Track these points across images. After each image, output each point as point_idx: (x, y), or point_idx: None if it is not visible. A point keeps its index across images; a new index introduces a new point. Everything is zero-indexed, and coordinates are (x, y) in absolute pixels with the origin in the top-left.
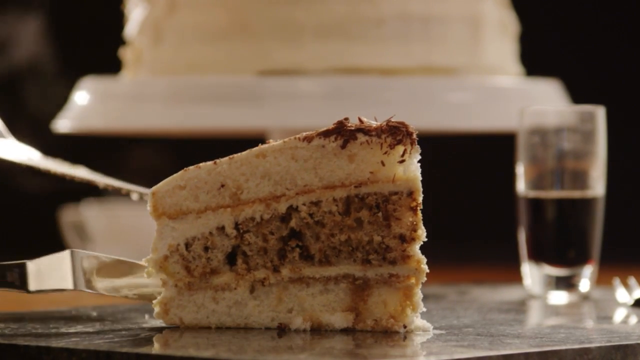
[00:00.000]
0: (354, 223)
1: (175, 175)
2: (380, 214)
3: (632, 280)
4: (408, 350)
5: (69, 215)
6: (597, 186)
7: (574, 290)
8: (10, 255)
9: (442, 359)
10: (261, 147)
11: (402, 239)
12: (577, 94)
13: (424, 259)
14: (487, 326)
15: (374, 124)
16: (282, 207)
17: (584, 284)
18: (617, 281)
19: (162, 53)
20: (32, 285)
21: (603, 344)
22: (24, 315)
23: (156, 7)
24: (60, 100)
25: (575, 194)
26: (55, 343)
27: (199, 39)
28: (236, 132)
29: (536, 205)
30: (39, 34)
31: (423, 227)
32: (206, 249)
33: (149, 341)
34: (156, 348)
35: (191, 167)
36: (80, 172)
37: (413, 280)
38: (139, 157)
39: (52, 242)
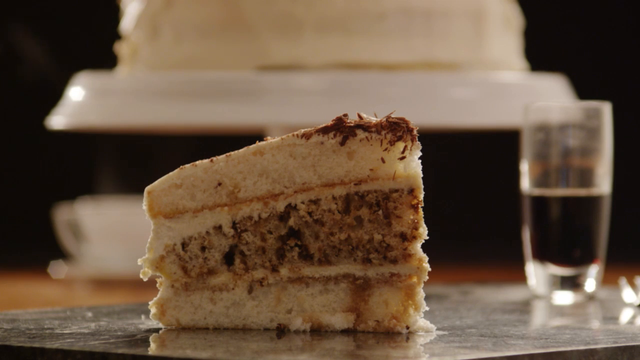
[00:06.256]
0: (354, 221)
1: (171, 173)
2: (380, 212)
3: (638, 280)
4: (410, 351)
5: (64, 214)
6: (603, 184)
7: (580, 290)
8: (4, 253)
9: None
10: (259, 144)
11: (403, 237)
12: (583, 90)
13: (425, 258)
14: (491, 327)
15: (374, 120)
16: (281, 206)
17: (590, 284)
18: (623, 281)
19: (159, 48)
20: None
21: (609, 345)
22: (18, 316)
23: (153, 1)
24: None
25: (581, 192)
26: (49, 344)
27: (196, 33)
28: (234, 128)
29: (541, 203)
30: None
31: (424, 225)
32: (203, 248)
33: (145, 342)
34: (152, 349)
35: (187, 165)
36: None
37: (415, 280)
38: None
39: (47, 241)
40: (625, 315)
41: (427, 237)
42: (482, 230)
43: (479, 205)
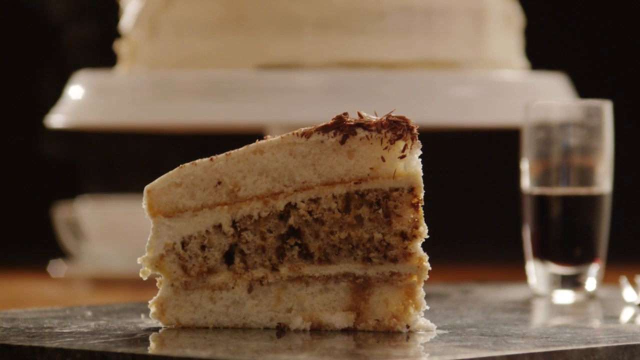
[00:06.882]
0: (354, 220)
1: (170, 172)
2: (380, 211)
3: (639, 279)
4: (410, 350)
5: (63, 213)
6: (604, 183)
7: (580, 289)
8: (4, 252)
9: None
10: (258, 143)
11: (404, 236)
12: (584, 88)
13: (426, 257)
14: (491, 326)
15: (374, 118)
16: (281, 205)
17: (590, 283)
18: (624, 280)
19: (158, 46)
20: None
21: (610, 344)
22: (17, 315)
23: None
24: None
25: (582, 190)
26: (49, 343)
27: (196, 32)
28: (234, 127)
29: (541, 202)
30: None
31: (425, 224)
32: (203, 247)
33: (145, 341)
34: (152, 348)
35: (187, 164)
36: None
37: (415, 279)
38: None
39: (46, 240)
40: (626, 314)
41: (427, 236)
42: (482, 229)
43: (480, 204)
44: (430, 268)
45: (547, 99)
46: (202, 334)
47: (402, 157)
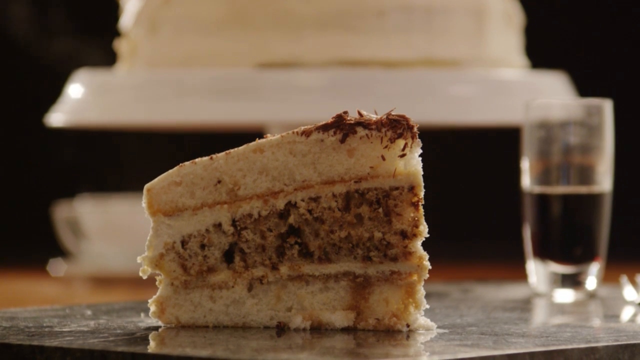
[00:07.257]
0: (354, 219)
1: (170, 171)
2: (380, 210)
3: (639, 278)
4: (411, 349)
5: (63, 211)
6: (604, 181)
7: (580, 288)
8: (3, 251)
9: (445, 359)
10: (258, 141)
11: (404, 235)
12: (584, 87)
13: (426, 256)
14: (492, 325)
15: (374, 117)
16: (281, 203)
17: (591, 282)
18: (624, 279)
19: (158, 45)
20: None
21: (610, 343)
22: (17, 314)
23: None
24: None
25: (582, 189)
26: (48, 342)
27: (196, 30)
28: (234, 126)
29: (542, 201)
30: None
31: (425, 223)
32: (203, 246)
33: (144, 340)
34: (152, 347)
35: (187, 163)
36: None
37: (415, 278)
38: (134, 151)
39: (46, 239)
40: (626, 313)
41: (427, 235)
42: (482, 228)
43: (480, 203)
44: (430, 267)
45: (548, 97)
46: (202, 333)
47: (402, 155)
